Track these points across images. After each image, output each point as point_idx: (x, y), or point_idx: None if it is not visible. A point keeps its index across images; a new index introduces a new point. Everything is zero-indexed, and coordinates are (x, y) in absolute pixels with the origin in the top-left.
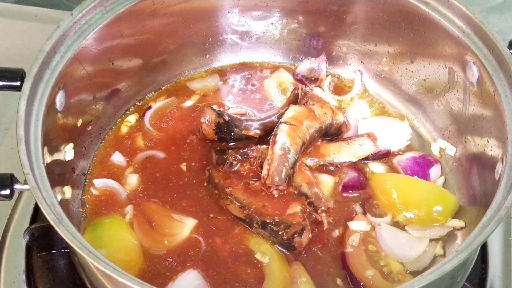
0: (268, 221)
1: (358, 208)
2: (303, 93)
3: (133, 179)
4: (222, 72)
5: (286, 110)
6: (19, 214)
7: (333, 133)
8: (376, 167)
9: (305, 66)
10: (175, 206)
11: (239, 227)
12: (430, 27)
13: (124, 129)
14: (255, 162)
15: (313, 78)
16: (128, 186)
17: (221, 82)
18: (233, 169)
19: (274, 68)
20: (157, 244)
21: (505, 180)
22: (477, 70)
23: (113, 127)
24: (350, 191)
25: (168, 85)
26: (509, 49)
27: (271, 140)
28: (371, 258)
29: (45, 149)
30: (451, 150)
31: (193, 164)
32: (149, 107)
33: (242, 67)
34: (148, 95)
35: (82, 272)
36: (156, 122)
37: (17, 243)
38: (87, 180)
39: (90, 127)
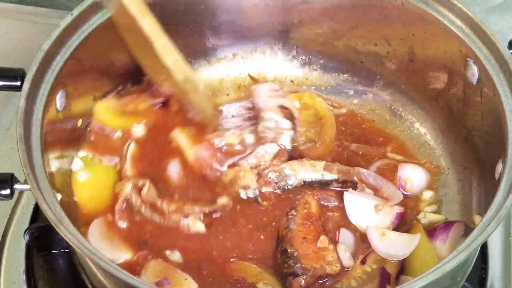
0: (289, 250)
1: None
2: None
3: None
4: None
5: None
6: (19, 214)
7: None
8: None
9: None
10: None
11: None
12: (430, 27)
13: None
14: None
15: None
16: None
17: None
18: None
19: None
20: None
21: (505, 180)
22: (477, 70)
23: None
24: None
25: None
26: (509, 49)
27: None
28: None
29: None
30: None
31: None
32: None
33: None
34: None
35: (82, 272)
36: None
37: (17, 243)
38: None
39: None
